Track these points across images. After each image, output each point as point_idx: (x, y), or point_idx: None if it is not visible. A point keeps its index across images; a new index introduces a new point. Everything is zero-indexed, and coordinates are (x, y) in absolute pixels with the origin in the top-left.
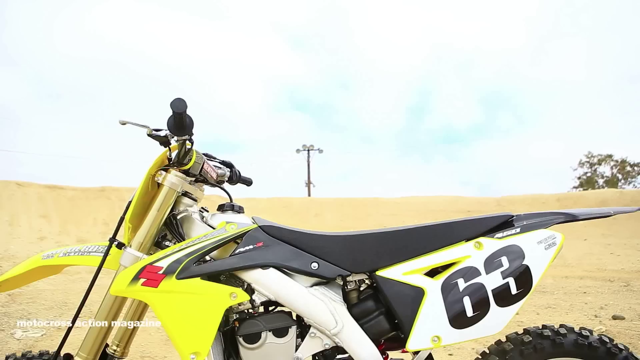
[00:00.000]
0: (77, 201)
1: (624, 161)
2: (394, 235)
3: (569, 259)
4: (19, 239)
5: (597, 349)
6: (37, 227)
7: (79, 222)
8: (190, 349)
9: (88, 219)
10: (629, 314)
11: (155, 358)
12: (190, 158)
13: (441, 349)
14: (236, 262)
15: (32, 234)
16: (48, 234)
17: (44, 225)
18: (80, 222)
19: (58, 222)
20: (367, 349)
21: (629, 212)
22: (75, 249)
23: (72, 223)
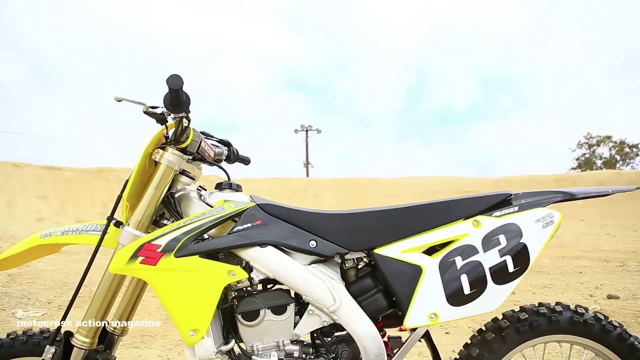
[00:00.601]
0: (74, 182)
1: (623, 142)
2: (392, 213)
3: (566, 240)
4: (18, 219)
5: (592, 326)
6: (35, 208)
7: (77, 203)
8: (189, 326)
9: (86, 199)
10: (623, 293)
11: (156, 337)
12: (188, 136)
13: (438, 328)
14: (234, 240)
15: (31, 214)
16: (46, 215)
17: (42, 206)
18: (78, 203)
19: (56, 203)
20: (364, 326)
21: (627, 191)
22: (73, 228)
23: (71, 204)
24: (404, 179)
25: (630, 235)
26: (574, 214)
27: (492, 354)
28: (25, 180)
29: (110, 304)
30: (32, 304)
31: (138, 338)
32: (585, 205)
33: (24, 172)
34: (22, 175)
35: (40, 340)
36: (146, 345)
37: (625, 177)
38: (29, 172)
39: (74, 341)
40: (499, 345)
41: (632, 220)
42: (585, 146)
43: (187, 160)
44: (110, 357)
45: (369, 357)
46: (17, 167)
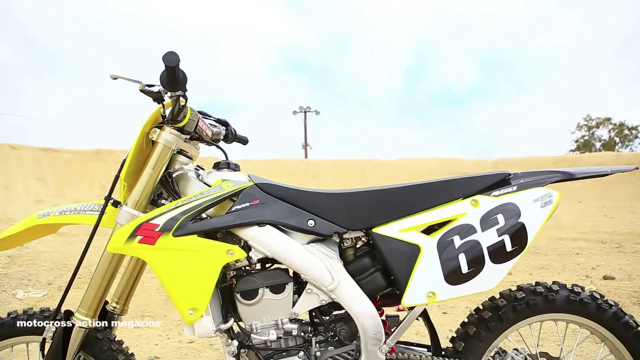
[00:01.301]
0: (72, 164)
1: (622, 124)
2: (391, 192)
3: (564, 221)
4: (16, 201)
5: (587, 305)
6: (33, 190)
7: (75, 184)
8: (188, 305)
9: (84, 181)
10: (619, 274)
11: (156, 317)
12: (185, 115)
13: (435, 308)
14: (232, 220)
15: (29, 196)
16: (45, 197)
17: (40, 188)
18: (76, 184)
19: (54, 185)
20: (363, 305)
21: (626, 171)
22: (71, 208)
23: (69, 186)
24: (403, 161)
25: (628, 217)
26: (572, 196)
27: (488, 332)
28: (23, 162)
29: (110, 283)
30: (33, 285)
31: (138, 318)
32: (584, 187)
33: (21, 154)
34: (19, 157)
35: (41, 320)
36: (146, 325)
37: (624, 159)
38: (26, 154)
39: (74, 320)
40: (495, 323)
41: (630, 202)
42: (585, 128)
43: (185, 140)
44: (111, 335)
45: (367, 335)
46: (14, 149)
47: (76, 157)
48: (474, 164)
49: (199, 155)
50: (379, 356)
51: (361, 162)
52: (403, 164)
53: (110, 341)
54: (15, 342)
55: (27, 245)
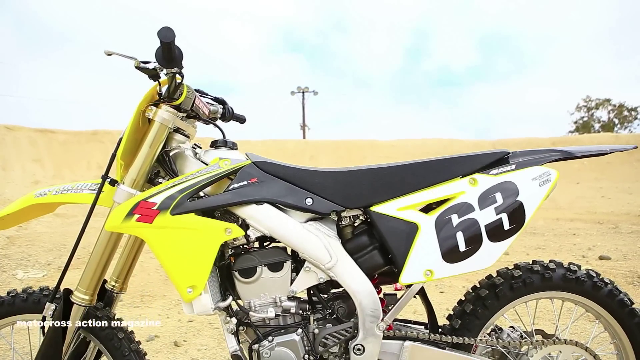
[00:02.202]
0: (69, 145)
1: (622, 105)
2: (389, 170)
3: (561, 202)
4: (13, 183)
5: (584, 283)
6: (30, 171)
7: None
8: (187, 283)
9: (82, 162)
10: (615, 254)
11: (155, 296)
12: (181, 93)
13: (433, 287)
14: (230, 198)
15: (26, 178)
16: (42, 178)
17: (37, 170)
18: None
19: (51, 166)
20: (360, 283)
21: (626, 150)
22: (68, 187)
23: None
24: (401, 141)
25: (625, 198)
26: (570, 177)
27: (485, 309)
28: (19, 143)
29: (108, 262)
30: (32, 266)
31: (138, 298)
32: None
33: (17, 135)
34: (15, 138)
35: (40, 298)
36: (146, 305)
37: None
38: (22, 135)
39: (73, 298)
40: (492, 301)
41: (627, 183)
42: (584, 109)
43: (182, 118)
44: (110, 314)
45: (364, 313)
46: (9, 130)
47: (73, 138)
48: (473, 145)
49: (196, 134)
50: (376, 333)
51: (359, 143)
52: (401, 145)
53: (110, 319)
54: (15, 320)
55: (25, 226)
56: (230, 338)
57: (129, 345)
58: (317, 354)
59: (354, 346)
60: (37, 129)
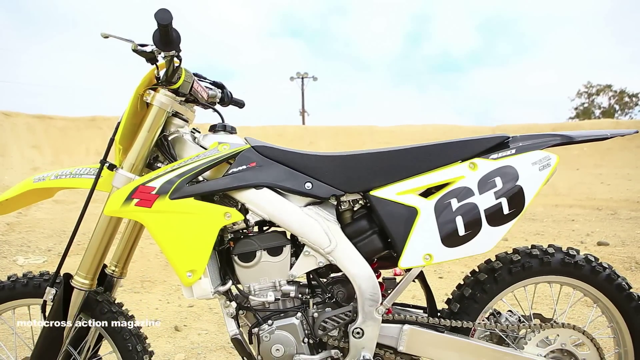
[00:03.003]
0: (67, 131)
1: (623, 91)
2: (389, 155)
3: (560, 188)
4: (12, 169)
5: (582, 267)
6: (29, 157)
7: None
8: (187, 267)
9: (80, 148)
10: (613, 240)
11: (155, 282)
12: (179, 76)
13: (432, 273)
14: (229, 182)
15: (25, 164)
16: (41, 165)
17: (36, 156)
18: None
19: (50, 152)
20: (360, 267)
21: (626, 135)
22: (66, 172)
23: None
24: (401, 127)
25: (624, 184)
26: (570, 163)
27: (484, 293)
28: (17, 129)
29: (108, 246)
30: (33, 252)
31: (138, 283)
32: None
33: (15, 121)
34: (13, 125)
35: (41, 283)
36: (146, 290)
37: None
38: (20, 122)
39: (73, 283)
40: (491, 285)
41: (627, 169)
42: (585, 95)
43: (180, 102)
44: (111, 298)
45: (364, 297)
46: (7, 117)
47: (71, 124)
48: (473, 131)
49: (194, 119)
50: (375, 317)
51: (359, 129)
52: (401, 131)
53: (110, 303)
54: (16, 304)
55: (25, 212)
56: (230, 322)
57: (129, 329)
58: (317, 338)
59: (354, 330)
60: (35, 115)
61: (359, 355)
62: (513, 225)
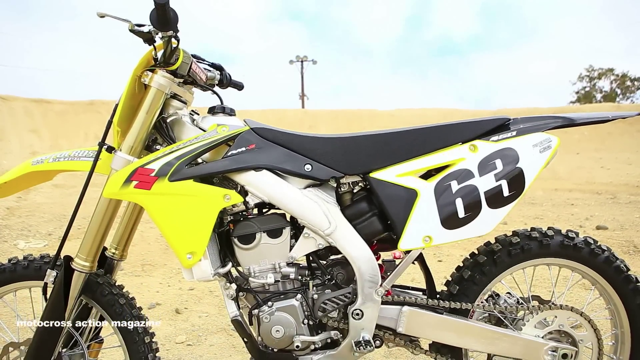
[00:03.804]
0: (66, 115)
1: (625, 75)
2: (389, 137)
3: (560, 172)
4: (11, 154)
5: (581, 250)
6: (27, 142)
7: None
8: (186, 249)
9: (79, 133)
10: (612, 224)
11: (156, 265)
12: (177, 57)
13: (431, 256)
14: (228, 165)
15: (24, 149)
16: (39, 149)
17: (34, 141)
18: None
19: (48, 137)
20: (359, 249)
21: (628, 117)
22: (65, 154)
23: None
24: (401, 111)
25: (624, 169)
26: (570, 147)
27: (483, 275)
28: (15, 113)
29: (107, 229)
30: (33, 236)
31: (139, 267)
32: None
33: (12, 105)
34: (10, 109)
35: (41, 265)
36: (147, 274)
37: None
38: (18, 106)
39: (74, 265)
40: (490, 267)
41: (627, 153)
42: (586, 79)
43: (178, 84)
44: (111, 280)
45: (363, 278)
46: (4, 100)
47: (69, 108)
48: (473, 115)
49: (193, 100)
50: (375, 298)
51: (359, 113)
52: (401, 115)
53: (111, 285)
54: (17, 287)
55: (24, 197)
56: (230, 303)
57: (130, 311)
58: (316, 319)
59: (353, 311)
60: (32, 99)
61: (358, 336)
62: (513, 207)
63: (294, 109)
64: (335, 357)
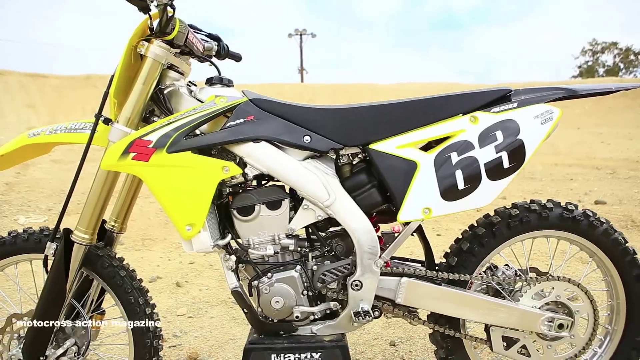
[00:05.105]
0: (62, 90)
1: (629, 49)
2: (389, 108)
3: (560, 147)
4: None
5: (580, 222)
6: (24, 117)
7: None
8: (185, 220)
9: (76, 108)
10: (610, 199)
11: (156, 240)
12: (174, 27)
13: (430, 230)
14: (227, 136)
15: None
16: (37, 124)
17: (31, 116)
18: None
19: (45, 112)
20: (359, 220)
21: (632, 88)
22: (61, 127)
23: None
24: (401, 85)
25: (625, 144)
26: (570, 122)
27: (481, 247)
28: (10, 88)
29: (106, 201)
30: (33, 211)
31: (139, 241)
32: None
33: (8, 79)
34: (5, 83)
35: (41, 238)
36: (147, 248)
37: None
38: (13, 80)
39: (73, 237)
40: (489, 239)
41: (628, 128)
42: (589, 53)
43: (175, 54)
44: (111, 253)
45: (362, 250)
46: None
47: (66, 83)
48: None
49: (190, 72)
50: (374, 270)
51: (358, 87)
52: (401, 89)
53: (111, 257)
54: (18, 259)
55: (23, 172)
56: (230, 275)
57: (131, 282)
58: (316, 290)
59: (352, 282)
60: (28, 74)
61: (357, 307)
62: (513, 179)
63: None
64: (335, 328)
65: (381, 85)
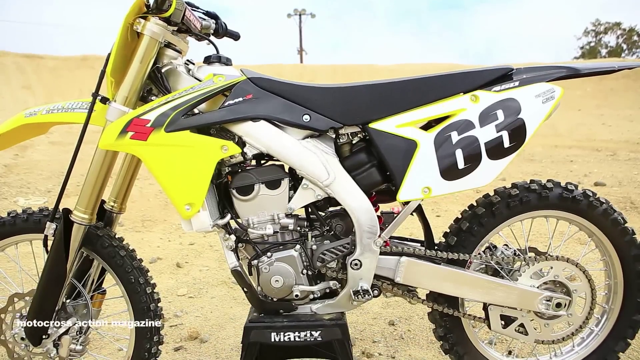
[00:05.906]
0: (59, 71)
1: (632, 30)
2: (389, 86)
3: (560, 129)
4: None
5: (579, 202)
6: (21, 99)
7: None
8: (185, 200)
9: (73, 89)
10: (610, 181)
11: (156, 221)
12: (170, 3)
13: (429, 211)
14: (225, 115)
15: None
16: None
17: (28, 97)
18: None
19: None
20: (358, 199)
21: (635, 67)
22: (58, 106)
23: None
24: (401, 66)
25: (625, 125)
26: (571, 104)
27: (481, 227)
28: (6, 69)
29: (105, 180)
30: (32, 193)
31: (139, 223)
32: (584, 95)
33: (3, 60)
34: (1, 65)
35: (41, 218)
36: (147, 229)
37: None
38: (9, 61)
39: (73, 217)
40: (488, 219)
41: (630, 110)
42: (592, 34)
43: (172, 32)
44: (111, 233)
45: (362, 229)
46: None
47: (62, 64)
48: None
49: (188, 50)
50: (373, 249)
51: (358, 68)
52: (401, 70)
53: (111, 238)
54: (18, 240)
55: (22, 154)
56: (229, 254)
57: (131, 262)
58: (315, 269)
59: (352, 261)
60: (23, 55)
61: (356, 286)
62: (513, 159)
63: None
64: (334, 307)
65: (381, 66)
